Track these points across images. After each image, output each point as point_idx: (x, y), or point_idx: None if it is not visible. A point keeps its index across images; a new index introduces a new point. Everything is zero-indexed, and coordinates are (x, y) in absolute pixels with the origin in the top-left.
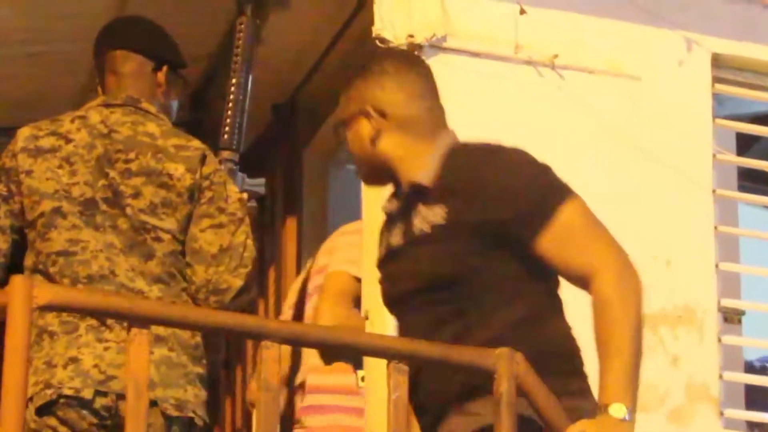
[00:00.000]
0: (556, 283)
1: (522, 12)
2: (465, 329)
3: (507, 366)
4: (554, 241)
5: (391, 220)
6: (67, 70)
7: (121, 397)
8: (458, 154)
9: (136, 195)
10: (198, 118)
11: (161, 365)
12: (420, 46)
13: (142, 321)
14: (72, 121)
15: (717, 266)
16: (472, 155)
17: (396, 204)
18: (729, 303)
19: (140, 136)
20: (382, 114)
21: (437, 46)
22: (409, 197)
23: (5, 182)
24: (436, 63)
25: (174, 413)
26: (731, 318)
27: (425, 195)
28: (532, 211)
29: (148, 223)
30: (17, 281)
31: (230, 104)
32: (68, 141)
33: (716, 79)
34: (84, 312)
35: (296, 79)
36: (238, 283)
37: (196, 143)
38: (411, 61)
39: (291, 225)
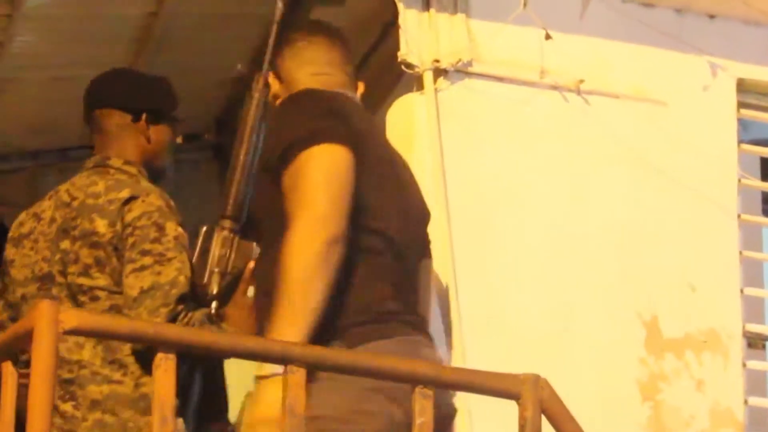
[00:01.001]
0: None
1: (547, 37)
2: (267, 272)
3: (532, 391)
4: (285, 189)
5: None
6: None
7: None
8: None
9: (76, 260)
10: (222, 141)
11: (94, 429)
12: (445, 71)
13: (169, 346)
14: (49, 198)
15: (742, 291)
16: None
17: None
18: (753, 328)
19: (88, 198)
20: (281, 80)
21: (463, 71)
22: None
23: (1, 275)
24: (461, 88)
25: None
26: (755, 343)
27: None
28: (280, 155)
29: (84, 285)
30: (43, 306)
31: (236, 172)
32: (39, 220)
33: (741, 104)
34: (110, 337)
35: None
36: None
37: (123, 193)
38: (310, 30)
39: None
